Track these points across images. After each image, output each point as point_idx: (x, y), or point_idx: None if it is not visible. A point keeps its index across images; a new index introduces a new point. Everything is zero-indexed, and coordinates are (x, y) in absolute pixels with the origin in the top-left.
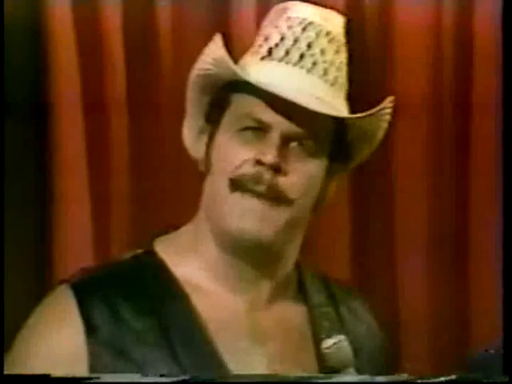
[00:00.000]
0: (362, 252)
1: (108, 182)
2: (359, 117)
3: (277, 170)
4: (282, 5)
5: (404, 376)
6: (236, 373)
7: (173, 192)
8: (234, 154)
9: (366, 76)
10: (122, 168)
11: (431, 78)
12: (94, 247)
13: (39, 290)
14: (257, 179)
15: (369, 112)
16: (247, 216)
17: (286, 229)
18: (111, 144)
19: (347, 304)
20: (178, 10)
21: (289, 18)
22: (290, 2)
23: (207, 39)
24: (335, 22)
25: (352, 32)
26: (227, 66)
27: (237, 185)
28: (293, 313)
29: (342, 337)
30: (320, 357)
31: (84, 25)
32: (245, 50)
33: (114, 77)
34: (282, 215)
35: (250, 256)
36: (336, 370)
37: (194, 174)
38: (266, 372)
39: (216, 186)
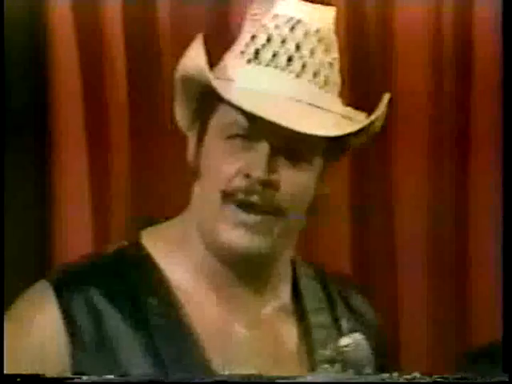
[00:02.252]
0: (361, 255)
1: (109, 181)
2: (352, 132)
3: (266, 184)
4: None
5: (403, 375)
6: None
7: (173, 190)
8: (224, 164)
9: (366, 75)
10: (123, 166)
11: (431, 78)
12: (93, 247)
13: None
14: (249, 191)
15: (367, 122)
16: (239, 230)
17: (280, 240)
18: (112, 143)
19: (344, 300)
20: (178, 10)
21: (276, 15)
22: None
23: (207, 39)
24: (324, 18)
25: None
26: (206, 79)
27: (229, 197)
28: (285, 322)
29: (357, 335)
30: (314, 367)
31: (84, 25)
32: None
33: (115, 76)
34: (274, 228)
35: (240, 266)
36: (355, 369)
37: None
38: None
39: (207, 195)
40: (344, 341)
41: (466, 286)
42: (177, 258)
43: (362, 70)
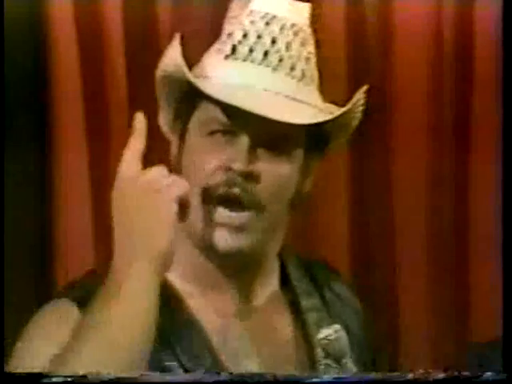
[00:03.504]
0: (360, 253)
1: (109, 181)
2: (329, 120)
3: (247, 176)
4: None
5: (403, 374)
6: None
7: None
8: (205, 161)
9: (365, 76)
10: None
11: (431, 79)
12: (94, 247)
13: (40, 289)
14: (230, 183)
15: (342, 111)
16: (221, 230)
17: (264, 236)
18: (112, 143)
19: (330, 287)
20: (178, 10)
21: (251, 12)
22: None
23: (208, 39)
24: (300, 13)
25: (351, 31)
26: (183, 73)
27: (210, 194)
28: (278, 308)
29: (337, 326)
30: (312, 350)
31: (84, 25)
32: None
33: (115, 76)
34: (257, 225)
35: (229, 264)
36: (334, 360)
37: None
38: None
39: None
40: (323, 332)
41: (466, 284)
42: (174, 265)
43: (362, 69)
